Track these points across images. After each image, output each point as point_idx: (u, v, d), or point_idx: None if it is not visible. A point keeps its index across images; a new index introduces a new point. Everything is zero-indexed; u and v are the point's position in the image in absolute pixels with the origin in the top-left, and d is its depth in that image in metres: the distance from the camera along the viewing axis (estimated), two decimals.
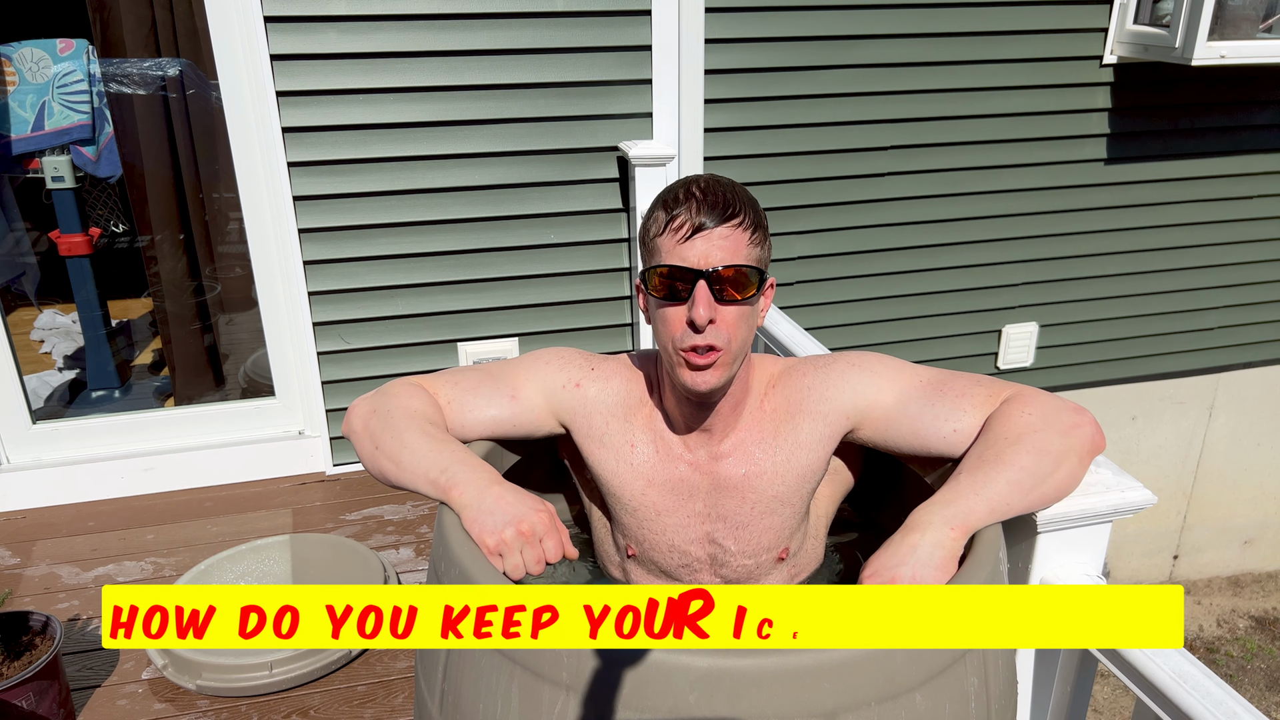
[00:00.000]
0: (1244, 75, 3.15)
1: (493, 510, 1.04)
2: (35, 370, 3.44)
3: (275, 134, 2.43)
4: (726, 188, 1.12)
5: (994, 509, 1.04)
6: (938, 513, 1.02)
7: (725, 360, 1.11)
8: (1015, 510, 1.06)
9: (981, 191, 3.09)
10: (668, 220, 1.10)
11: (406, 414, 1.18)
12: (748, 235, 1.10)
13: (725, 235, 1.08)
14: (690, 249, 1.08)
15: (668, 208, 1.11)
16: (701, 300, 1.07)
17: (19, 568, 2.29)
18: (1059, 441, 1.09)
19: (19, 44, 2.77)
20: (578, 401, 1.25)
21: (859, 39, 2.78)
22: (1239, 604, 4.10)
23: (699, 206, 1.09)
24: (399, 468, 1.14)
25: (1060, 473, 1.09)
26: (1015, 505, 1.06)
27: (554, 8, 2.50)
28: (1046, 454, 1.08)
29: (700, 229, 1.08)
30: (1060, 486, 1.10)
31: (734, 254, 1.09)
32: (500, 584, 0.94)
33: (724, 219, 1.08)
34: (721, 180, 1.13)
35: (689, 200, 1.09)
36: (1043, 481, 1.07)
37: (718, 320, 1.09)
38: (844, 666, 0.84)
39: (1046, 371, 3.44)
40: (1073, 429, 1.10)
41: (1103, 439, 1.13)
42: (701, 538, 1.24)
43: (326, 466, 2.76)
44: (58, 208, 2.94)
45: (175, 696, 1.87)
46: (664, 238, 1.10)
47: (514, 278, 2.74)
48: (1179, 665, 1.07)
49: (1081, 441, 1.10)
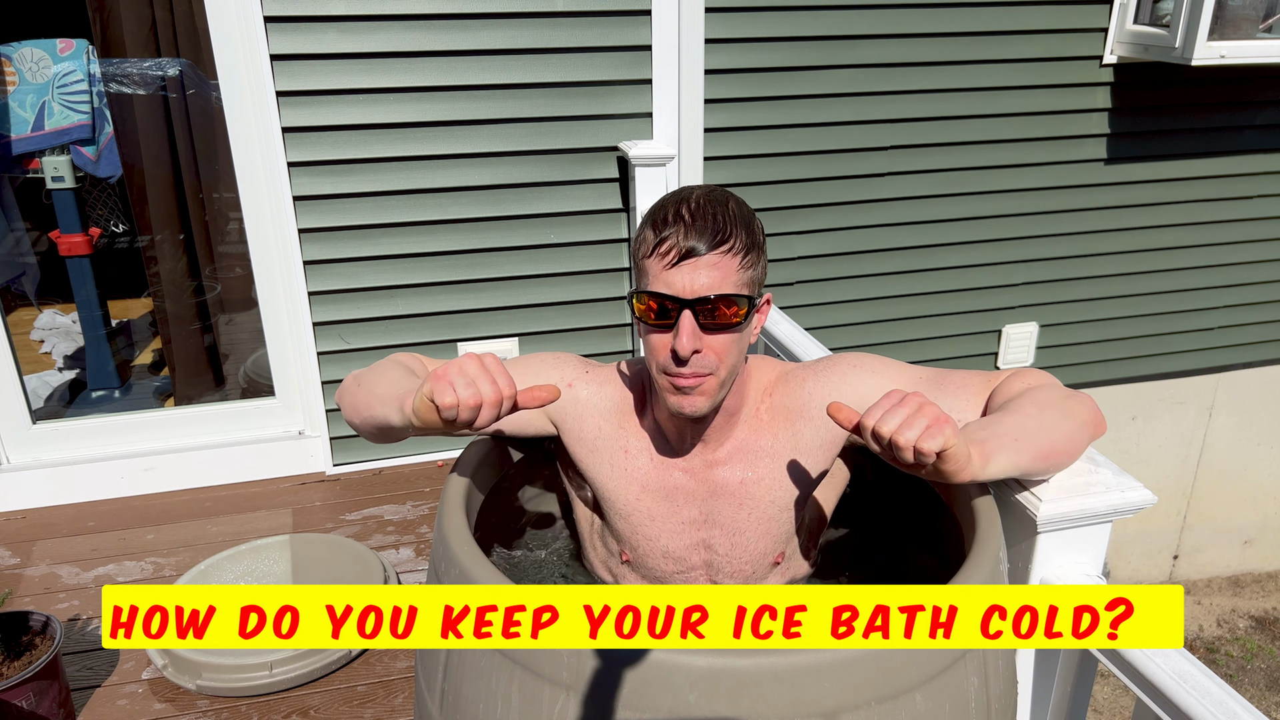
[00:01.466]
0: (1244, 75, 3.15)
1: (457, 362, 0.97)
2: (35, 370, 3.44)
3: (275, 134, 2.43)
4: (718, 207, 1.06)
5: (1003, 440, 1.03)
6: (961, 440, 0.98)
7: (712, 385, 1.09)
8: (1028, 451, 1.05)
9: (981, 191, 3.09)
10: (655, 242, 1.06)
11: (394, 363, 1.21)
12: (738, 260, 1.05)
13: (713, 262, 1.04)
14: (677, 275, 1.04)
15: (656, 228, 1.06)
16: (686, 330, 1.04)
17: (19, 568, 2.29)
18: (1061, 400, 1.11)
19: (19, 44, 2.77)
20: (568, 402, 1.24)
21: (859, 39, 2.78)
22: (1239, 604, 4.10)
23: (687, 230, 1.04)
24: (371, 395, 1.10)
25: (1066, 426, 1.09)
26: (1026, 445, 1.05)
27: (554, 8, 2.50)
28: (1050, 407, 1.09)
29: (688, 255, 1.03)
30: (1067, 439, 1.10)
31: (722, 281, 1.05)
32: (501, 584, 0.93)
33: (713, 245, 1.04)
34: (715, 197, 1.08)
35: (677, 222, 1.05)
36: (1049, 429, 1.07)
37: (704, 348, 1.06)
38: (844, 666, 0.84)
39: (1046, 371, 3.44)
40: (1073, 395, 1.13)
41: (1103, 421, 1.15)
42: (696, 544, 1.23)
43: (326, 466, 2.76)
44: (58, 208, 2.94)
45: (175, 696, 1.87)
46: (651, 260, 1.06)
47: (514, 278, 2.74)
48: (1179, 665, 1.07)
49: (1084, 408, 1.12)
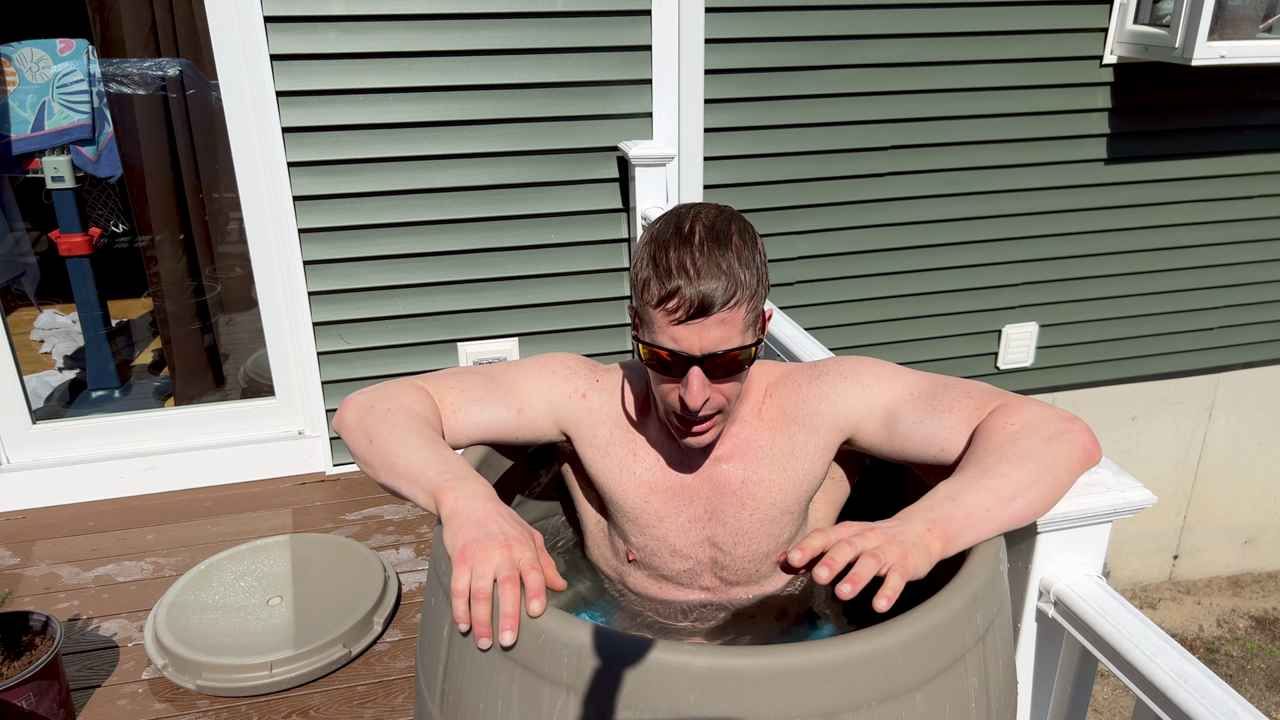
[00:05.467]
0: (1244, 75, 3.15)
1: (482, 522, 0.97)
2: (35, 370, 3.43)
3: (275, 134, 2.43)
4: (722, 253, 1.03)
5: (971, 515, 0.98)
6: (917, 515, 0.98)
7: (720, 421, 1.12)
8: (999, 519, 1.00)
9: (981, 191, 3.09)
10: (660, 296, 1.03)
11: (407, 414, 1.14)
12: (743, 312, 1.05)
13: (721, 319, 1.03)
14: (684, 332, 1.03)
15: (660, 278, 1.03)
16: (695, 386, 1.05)
17: (19, 568, 2.29)
18: (1043, 449, 1.03)
19: (19, 44, 2.77)
20: (583, 413, 1.24)
21: (859, 39, 2.78)
22: (1239, 604, 4.10)
23: (693, 289, 1.02)
24: (391, 466, 1.09)
25: (1045, 481, 1.02)
26: (998, 514, 1.00)
27: (554, 8, 2.50)
28: (1029, 460, 1.02)
29: (696, 314, 1.02)
30: (1046, 494, 1.03)
31: (729, 337, 1.04)
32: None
33: (721, 304, 1.02)
34: (718, 234, 1.05)
35: (682, 274, 1.02)
36: (1026, 489, 1.01)
37: (712, 395, 1.08)
38: (844, 666, 0.83)
39: (1046, 371, 3.44)
40: (1058, 436, 1.05)
41: (1097, 448, 1.07)
42: (702, 541, 1.24)
43: (326, 466, 2.76)
44: (58, 208, 2.94)
45: (175, 696, 1.87)
46: (657, 312, 1.05)
47: (514, 278, 2.74)
48: (1179, 665, 1.07)
49: (1070, 449, 1.04)
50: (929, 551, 0.94)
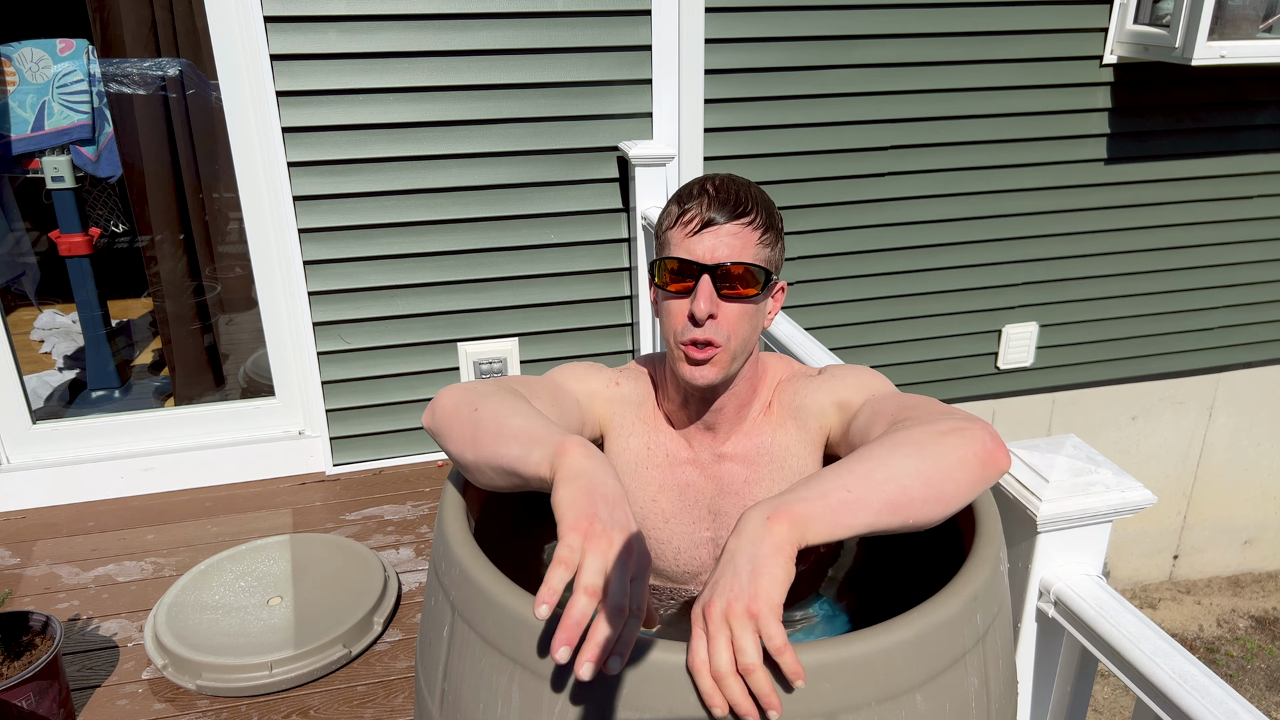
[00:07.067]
0: (1244, 75, 3.15)
1: (616, 503, 0.84)
2: (35, 370, 3.44)
3: (275, 134, 2.43)
4: (741, 187, 1.13)
5: (828, 496, 0.87)
6: (761, 504, 0.86)
7: (723, 357, 1.12)
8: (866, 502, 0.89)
9: (981, 191, 3.09)
10: (679, 214, 1.12)
11: (510, 392, 1.10)
12: (757, 234, 1.11)
13: (734, 232, 1.09)
14: (698, 243, 1.10)
15: (680, 202, 1.13)
16: (703, 294, 1.08)
17: (19, 568, 2.29)
18: (929, 440, 0.95)
19: (19, 44, 2.77)
20: (617, 399, 1.26)
21: (859, 39, 2.78)
22: (1239, 604, 4.10)
23: (710, 202, 1.10)
24: (501, 428, 0.99)
25: (925, 470, 0.92)
26: (863, 496, 0.89)
27: (554, 8, 2.50)
28: (907, 447, 0.94)
29: (709, 224, 1.09)
30: (928, 484, 0.92)
31: (741, 251, 1.10)
32: (502, 583, 0.92)
33: (734, 216, 1.10)
34: (738, 180, 1.15)
35: (701, 196, 1.11)
36: (900, 475, 0.91)
37: (719, 316, 1.10)
38: (844, 666, 0.83)
39: (1046, 371, 3.44)
40: (952, 431, 0.96)
41: (1000, 450, 0.98)
42: (705, 541, 1.24)
43: (326, 466, 2.76)
44: (58, 208, 2.94)
45: (175, 696, 1.87)
46: (674, 230, 1.12)
47: (514, 278, 2.74)
48: (1179, 665, 1.07)
49: (963, 443, 0.95)
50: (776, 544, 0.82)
